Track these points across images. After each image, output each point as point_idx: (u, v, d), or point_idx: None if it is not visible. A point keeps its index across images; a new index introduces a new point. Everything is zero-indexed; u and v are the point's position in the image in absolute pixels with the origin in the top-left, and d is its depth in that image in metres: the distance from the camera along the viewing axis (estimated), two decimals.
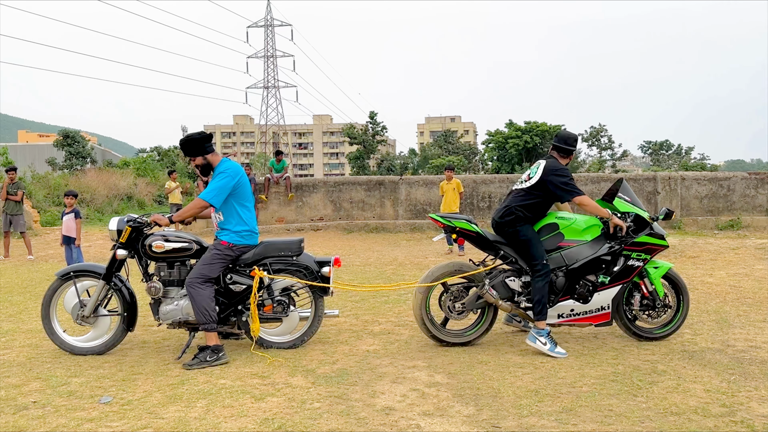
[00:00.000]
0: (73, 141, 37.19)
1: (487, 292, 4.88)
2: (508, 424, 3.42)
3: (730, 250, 10.40)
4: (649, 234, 4.96)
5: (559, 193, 4.90)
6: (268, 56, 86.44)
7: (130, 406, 3.74)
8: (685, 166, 52.40)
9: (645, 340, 5.06)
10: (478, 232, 5.01)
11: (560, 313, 4.94)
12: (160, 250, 4.77)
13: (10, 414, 3.64)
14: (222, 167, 4.82)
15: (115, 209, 23.32)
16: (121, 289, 4.93)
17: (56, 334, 4.91)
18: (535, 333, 4.79)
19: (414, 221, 14.97)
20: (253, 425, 3.41)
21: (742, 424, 3.38)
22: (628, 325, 5.08)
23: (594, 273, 4.94)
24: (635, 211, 5.00)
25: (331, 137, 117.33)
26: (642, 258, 4.95)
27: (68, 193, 9.55)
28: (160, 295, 4.81)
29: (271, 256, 4.94)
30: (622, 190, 5.09)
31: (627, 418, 3.47)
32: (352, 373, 4.34)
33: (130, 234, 4.80)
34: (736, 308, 6.23)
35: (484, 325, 5.06)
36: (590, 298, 4.92)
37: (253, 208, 5.00)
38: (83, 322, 4.90)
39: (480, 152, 64.46)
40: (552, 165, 4.94)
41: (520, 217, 4.89)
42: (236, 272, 4.88)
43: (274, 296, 4.92)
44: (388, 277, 8.53)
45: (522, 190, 5.00)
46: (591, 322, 4.98)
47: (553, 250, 4.95)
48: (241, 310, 4.88)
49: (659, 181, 14.42)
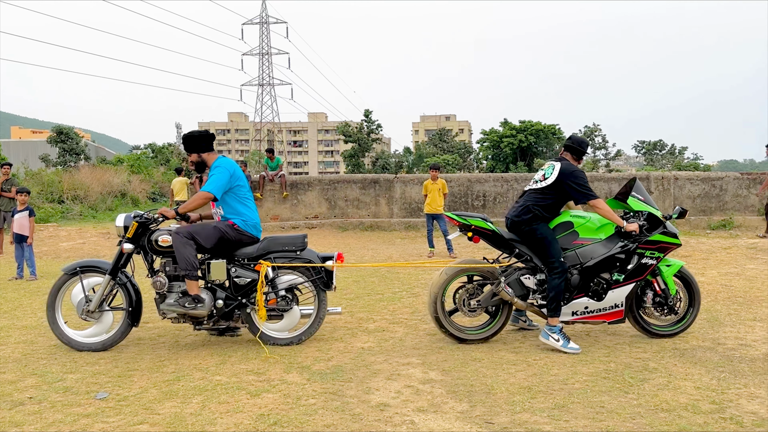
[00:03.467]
0: (67, 137, 37.12)
1: (503, 289, 4.93)
2: (501, 420, 3.46)
3: (722, 250, 10.48)
4: (662, 232, 5.02)
5: (575, 195, 4.96)
6: (264, 53, 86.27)
7: (126, 402, 3.76)
8: (678, 166, 52.62)
9: (657, 337, 5.13)
10: (494, 231, 5.06)
11: (575, 310, 4.99)
12: (166, 245, 4.83)
13: (7, 409, 3.66)
14: (216, 162, 5.00)
15: (109, 206, 23.23)
16: (127, 284, 4.97)
17: (62, 331, 4.93)
18: (548, 330, 4.86)
19: (409, 219, 15.01)
20: (249, 421, 3.44)
21: (731, 420, 3.43)
22: (640, 322, 5.14)
23: (608, 271, 5.00)
24: (649, 209, 5.06)
25: (326, 135, 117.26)
26: (655, 256, 5.00)
27: (21, 190, 9.27)
28: (165, 290, 4.85)
29: (276, 251, 5.00)
30: (635, 189, 5.15)
31: (618, 415, 3.51)
32: (347, 369, 4.37)
33: (137, 230, 4.85)
34: (727, 307, 6.30)
35: (489, 330, 5.09)
36: (604, 296, 4.98)
37: (253, 205, 5.09)
38: (88, 317, 4.93)
39: (475, 151, 64.55)
40: (568, 167, 5.00)
41: (537, 216, 4.95)
42: (241, 266, 4.93)
43: (278, 291, 4.97)
44: (383, 275, 8.57)
45: (537, 190, 5.06)
46: (605, 320, 5.04)
47: (568, 249, 5.01)
48: (245, 304, 4.94)
49: (652, 181, 14.51)
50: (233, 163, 5.01)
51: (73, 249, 12.50)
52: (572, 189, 4.94)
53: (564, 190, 4.96)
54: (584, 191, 4.93)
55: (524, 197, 5.15)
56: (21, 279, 8.73)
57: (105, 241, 13.63)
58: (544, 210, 4.99)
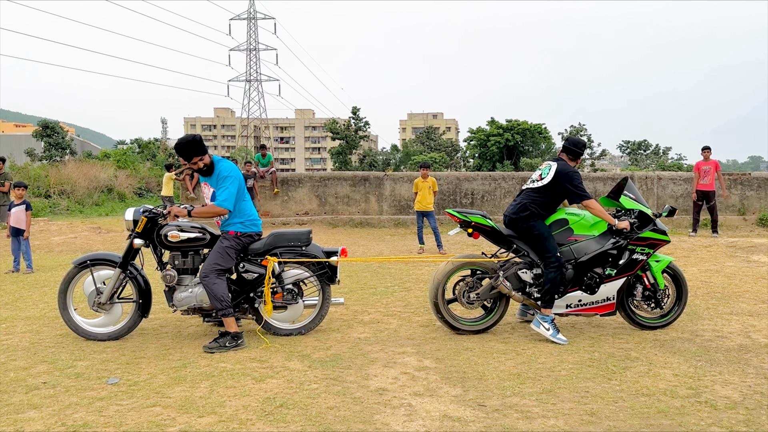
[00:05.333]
0: (53, 132, 36.89)
1: (501, 283, 5.17)
2: (493, 403, 3.70)
3: (703, 248, 10.82)
4: (652, 229, 5.28)
5: (570, 195, 5.21)
6: (251, 49, 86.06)
7: (137, 386, 3.95)
8: (662, 165, 53.39)
9: (645, 329, 5.40)
10: (493, 227, 5.30)
11: (568, 303, 5.25)
12: (175, 240, 4.98)
13: (23, 393, 3.83)
14: (226, 171, 4.98)
15: (96, 201, 23.20)
16: (136, 277, 5.13)
17: (74, 321, 5.09)
18: (540, 318, 5.11)
19: (398, 217, 15.24)
20: (256, 403, 3.65)
21: (706, 404, 3.70)
22: (630, 315, 5.41)
23: (601, 266, 5.25)
24: (640, 208, 5.33)
25: (313, 132, 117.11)
26: (646, 252, 5.26)
27: (18, 184, 9.37)
28: (175, 283, 5.02)
29: (281, 246, 5.17)
30: (627, 188, 5.42)
31: (602, 399, 3.76)
32: (346, 358, 4.59)
33: (146, 224, 5.01)
34: (706, 302, 6.59)
35: (488, 322, 5.33)
36: (597, 290, 5.24)
37: (249, 199, 5.21)
38: (99, 309, 5.09)
39: (462, 149, 64.95)
40: (564, 168, 5.24)
41: (534, 213, 5.19)
42: (248, 261, 5.11)
43: (284, 285, 5.15)
44: (375, 270, 8.78)
45: (534, 189, 5.30)
46: (597, 312, 5.30)
47: (563, 245, 5.25)
48: (252, 298, 5.12)
49: (636, 181, 14.85)
50: (237, 169, 5.09)
51: (65, 243, 12.58)
52: (567, 189, 5.19)
53: (559, 189, 5.22)
54: (579, 192, 5.18)
55: (521, 195, 5.39)
56: (17, 272, 8.84)
57: (96, 236, 13.71)
58: (541, 208, 5.24)
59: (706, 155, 12.90)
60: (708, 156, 12.88)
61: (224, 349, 4.73)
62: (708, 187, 12.69)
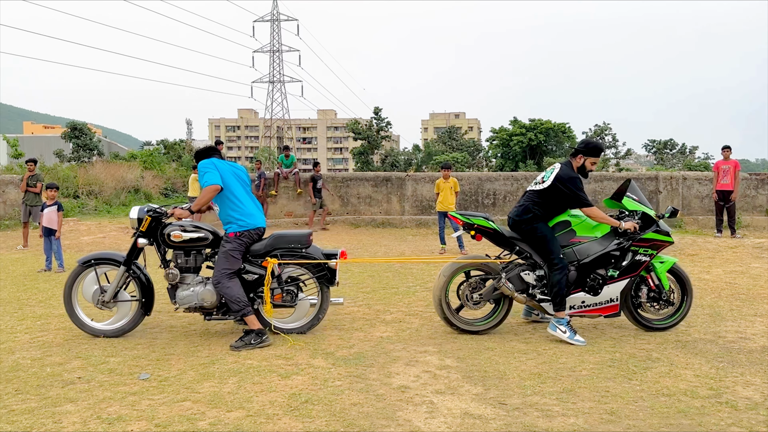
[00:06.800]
0: (81, 133, 37.64)
1: (504, 284, 5.22)
2: (514, 401, 3.76)
3: (729, 249, 10.70)
4: (655, 231, 5.29)
5: (568, 200, 5.23)
6: (274, 51, 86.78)
7: (167, 382, 4.09)
8: (688, 165, 52.59)
9: (651, 330, 5.40)
10: (495, 229, 5.34)
11: (572, 304, 5.28)
12: (178, 240, 5.12)
13: (60, 387, 4.00)
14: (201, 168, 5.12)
15: (123, 201, 23.61)
16: (140, 276, 5.29)
17: (79, 318, 5.27)
18: (556, 322, 5.14)
19: (420, 217, 15.30)
20: (282, 399, 3.76)
21: (726, 404, 3.72)
22: (635, 315, 5.42)
23: (604, 267, 5.27)
24: (642, 209, 5.34)
25: (335, 132, 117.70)
26: (648, 253, 5.27)
27: (50, 185, 9.61)
28: (177, 281, 5.16)
29: (282, 247, 5.26)
30: (630, 189, 5.43)
31: (622, 398, 3.80)
32: (369, 356, 4.68)
33: (150, 223, 5.15)
34: (730, 303, 6.56)
35: (495, 319, 5.39)
36: (600, 291, 5.26)
37: (244, 194, 5.19)
38: (103, 306, 5.25)
39: (484, 149, 64.75)
40: (565, 172, 5.25)
41: (537, 216, 5.23)
42: (249, 263, 5.21)
43: (284, 286, 5.25)
44: (396, 270, 8.87)
45: (536, 192, 5.33)
46: (601, 313, 5.32)
47: (566, 246, 5.29)
48: (252, 298, 5.22)
49: (661, 181, 14.72)
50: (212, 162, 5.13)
51: (94, 243, 12.88)
52: (565, 194, 5.20)
53: (559, 194, 5.22)
54: (576, 198, 5.18)
55: (524, 197, 5.42)
56: (49, 271, 9.10)
57: (124, 236, 14.00)
58: (543, 209, 5.25)
59: (726, 155, 12.78)
60: (728, 155, 12.75)
61: (250, 347, 4.85)
62: (728, 187, 12.55)
